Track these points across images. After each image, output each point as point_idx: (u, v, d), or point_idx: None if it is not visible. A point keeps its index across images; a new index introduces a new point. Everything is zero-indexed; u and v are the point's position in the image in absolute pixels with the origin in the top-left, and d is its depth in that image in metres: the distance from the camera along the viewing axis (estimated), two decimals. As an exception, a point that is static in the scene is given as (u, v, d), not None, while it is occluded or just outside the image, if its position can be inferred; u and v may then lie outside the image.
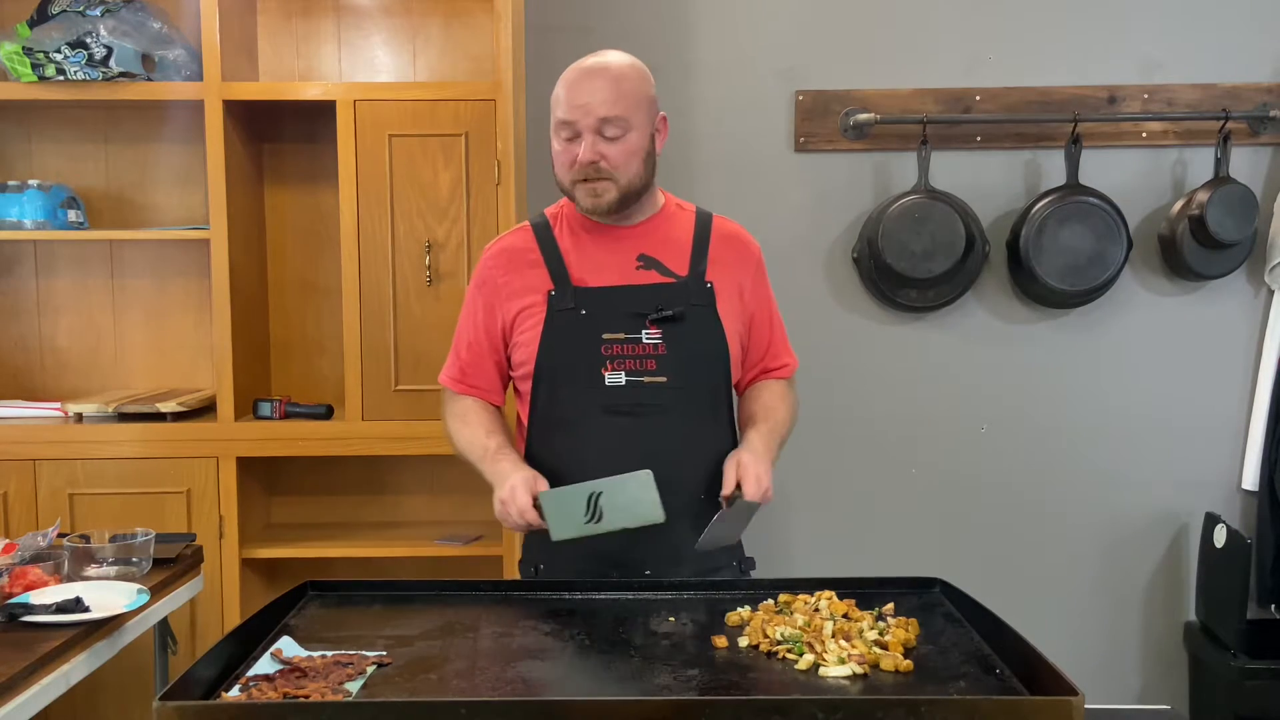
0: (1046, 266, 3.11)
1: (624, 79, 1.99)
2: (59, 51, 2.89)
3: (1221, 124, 3.12)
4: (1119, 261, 3.12)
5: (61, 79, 2.90)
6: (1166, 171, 3.24)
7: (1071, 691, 1.34)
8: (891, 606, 1.74)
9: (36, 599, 2.05)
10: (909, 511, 3.31)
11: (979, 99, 3.20)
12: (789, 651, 1.59)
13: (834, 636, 1.61)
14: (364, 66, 3.19)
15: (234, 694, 1.44)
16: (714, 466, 2.02)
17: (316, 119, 3.00)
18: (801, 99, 3.21)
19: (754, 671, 1.55)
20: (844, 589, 1.80)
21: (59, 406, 3.00)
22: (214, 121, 2.88)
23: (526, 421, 2.11)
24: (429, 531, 3.12)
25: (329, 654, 1.58)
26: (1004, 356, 3.28)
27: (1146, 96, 3.18)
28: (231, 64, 2.93)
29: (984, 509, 3.31)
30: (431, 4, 3.17)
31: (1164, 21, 3.19)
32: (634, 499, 1.86)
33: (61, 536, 2.38)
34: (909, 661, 1.54)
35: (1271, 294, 3.21)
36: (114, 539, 2.33)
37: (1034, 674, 1.45)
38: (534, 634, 1.69)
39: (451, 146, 2.91)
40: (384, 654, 1.58)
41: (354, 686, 1.47)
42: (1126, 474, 3.29)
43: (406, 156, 2.91)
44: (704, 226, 2.13)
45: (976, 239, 3.15)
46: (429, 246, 2.93)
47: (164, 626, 2.44)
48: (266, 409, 2.99)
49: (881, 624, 1.67)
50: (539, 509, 1.91)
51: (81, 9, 2.95)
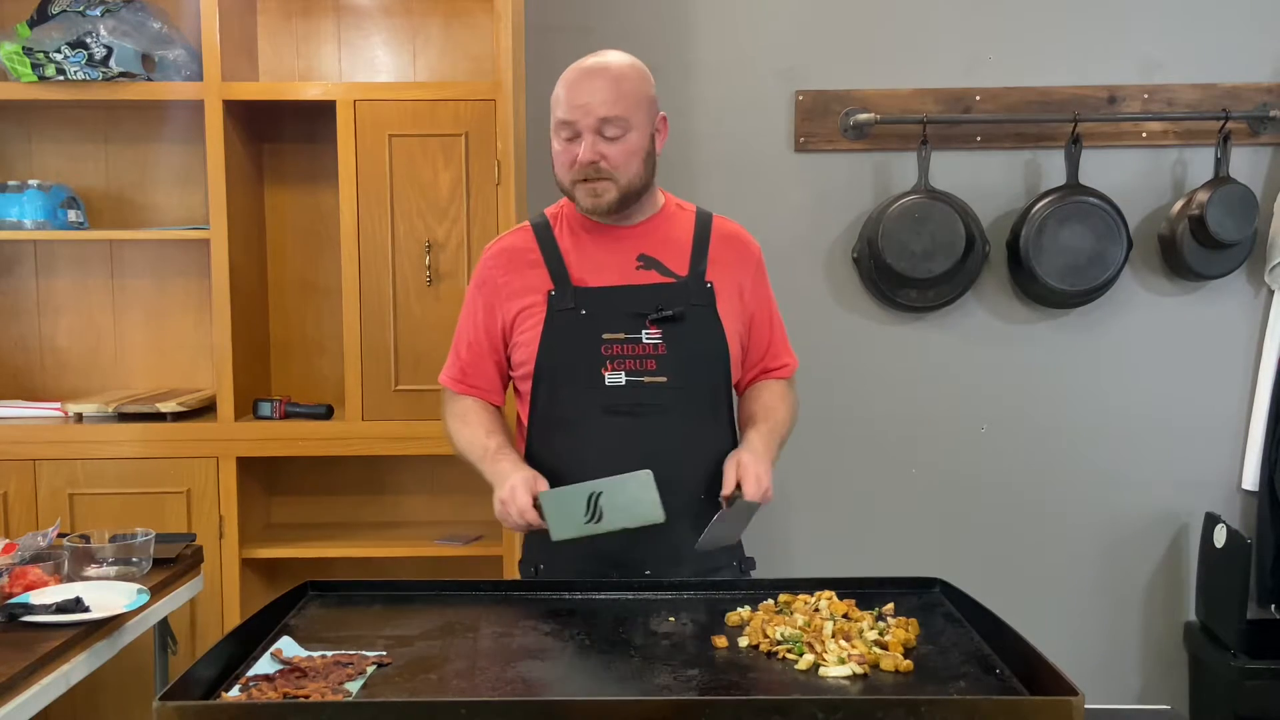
0: (1046, 266, 3.11)
1: (624, 79, 1.99)
2: (59, 51, 2.89)
3: (1221, 124, 3.12)
4: (1119, 261, 3.12)
5: (61, 79, 2.90)
6: (1166, 171, 3.24)
7: (1071, 691, 1.34)
8: (891, 606, 1.74)
9: (36, 599, 2.05)
10: (909, 511, 3.31)
11: (979, 99, 3.20)
12: (789, 651, 1.59)
13: (834, 636, 1.61)
14: (364, 66, 3.20)
15: (234, 694, 1.44)
16: (714, 466, 2.02)
17: (316, 119, 3.00)
18: (801, 99, 3.21)
19: (754, 671, 1.55)
20: (844, 589, 1.80)
21: (59, 406, 3.00)
22: (214, 121, 2.88)
23: (526, 421, 2.11)
24: (429, 531, 3.12)
25: (329, 654, 1.58)
26: (1004, 356, 3.28)
27: (1146, 96, 3.18)
28: (231, 64, 2.93)
29: (984, 509, 3.31)
30: (431, 4, 3.17)
31: (1164, 21, 3.19)
32: (634, 499, 1.86)
33: (61, 536, 2.38)
34: (909, 661, 1.54)
35: (1271, 294, 3.21)
36: (114, 539, 2.33)
37: (1034, 674, 1.45)
38: (534, 634, 1.69)
39: (451, 146, 2.91)
40: (384, 654, 1.58)
41: (354, 686, 1.47)
42: (1126, 474, 3.29)
43: (406, 156, 2.91)
44: (704, 226, 2.13)
45: (976, 239, 3.15)
46: (429, 246, 2.93)
47: (164, 626, 2.44)
48: (266, 409, 2.99)
49: (881, 624, 1.67)
50: (539, 509, 1.91)
51: (81, 9, 2.95)
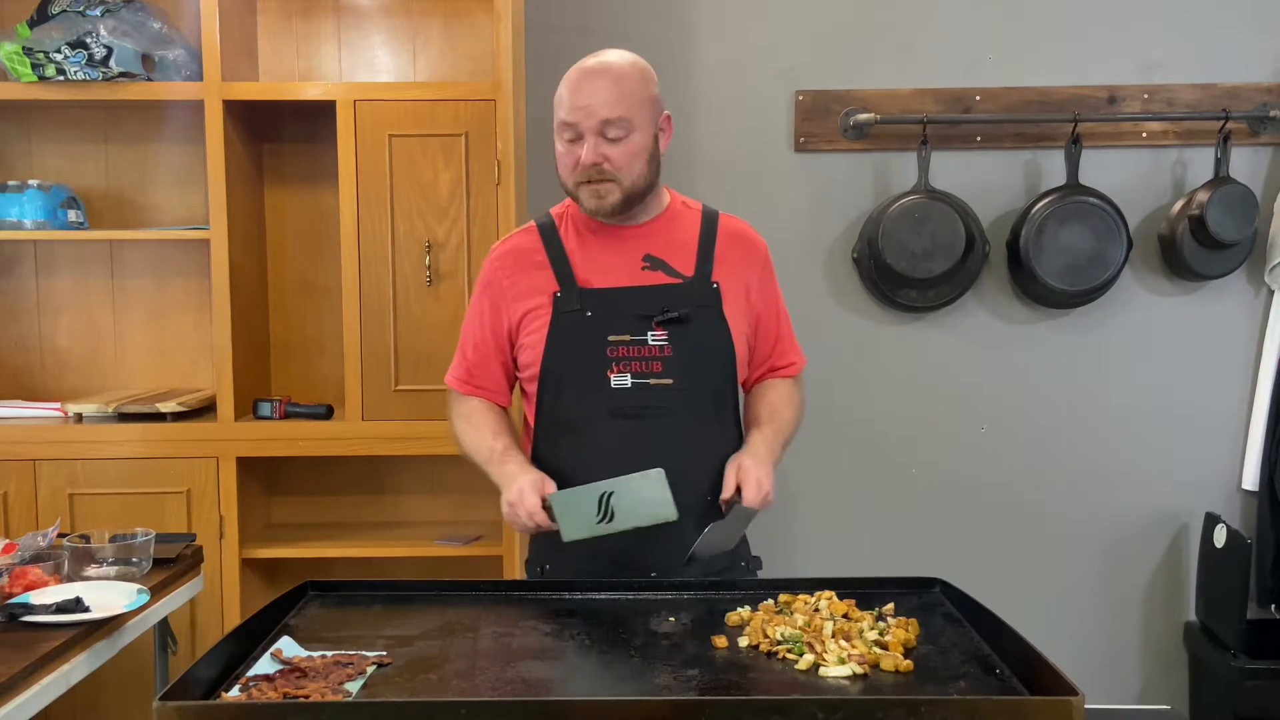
0: (1046, 266, 3.11)
1: (626, 79, 1.98)
2: (59, 51, 2.89)
3: (1221, 124, 3.12)
4: (1119, 261, 3.12)
5: (61, 79, 2.90)
6: (1166, 171, 3.23)
7: (1071, 691, 1.34)
8: (891, 606, 1.74)
9: (36, 599, 2.05)
10: (909, 511, 3.31)
11: (979, 99, 3.20)
12: (789, 651, 1.58)
13: (834, 636, 1.61)
14: (364, 66, 3.20)
15: (234, 694, 1.44)
16: (720, 468, 2.01)
17: (316, 119, 3.00)
18: (801, 99, 3.21)
19: (754, 671, 1.55)
20: (844, 589, 1.80)
21: (59, 406, 3.00)
22: (214, 121, 2.88)
23: (533, 422, 2.10)
24: (429, 531, 3.12)
25: (329, 654, 1.58)
26: (1004, 356, 3.28)
27: (1146, 96, 3.18)
28: (231, 64, 2.93)
29: (984, 509, 3.30)
30: (431, 4, 3.17)
31: (1164, 21, 3.18)
32: (646, 498, 1.86)
33: (61, 536, 2.38)
34: (909, 661, 1.54)
35: (1271, 294, 3.21)
36: (114, 539, 2.33)
37: (1034, 674, 1.45)
38: (534, 634, 1.69)
39: (451, 146, 2.91)
40: (384, 654, 1.58)
41: (354, 686, 1.47)
42: (1126, 474, 3.29)
43: (406, 156, 2.91)
44: (710, 225, 2.11)
45: (976, 239, 3.15)
46: (429, 246, 2.93)
47: (164, 626, 2.44)
48: (266, 409, 2.99)
49: (881, 624, 1.67)
50: (548, 510, 1.91)
51: (81, 9, 2.94)
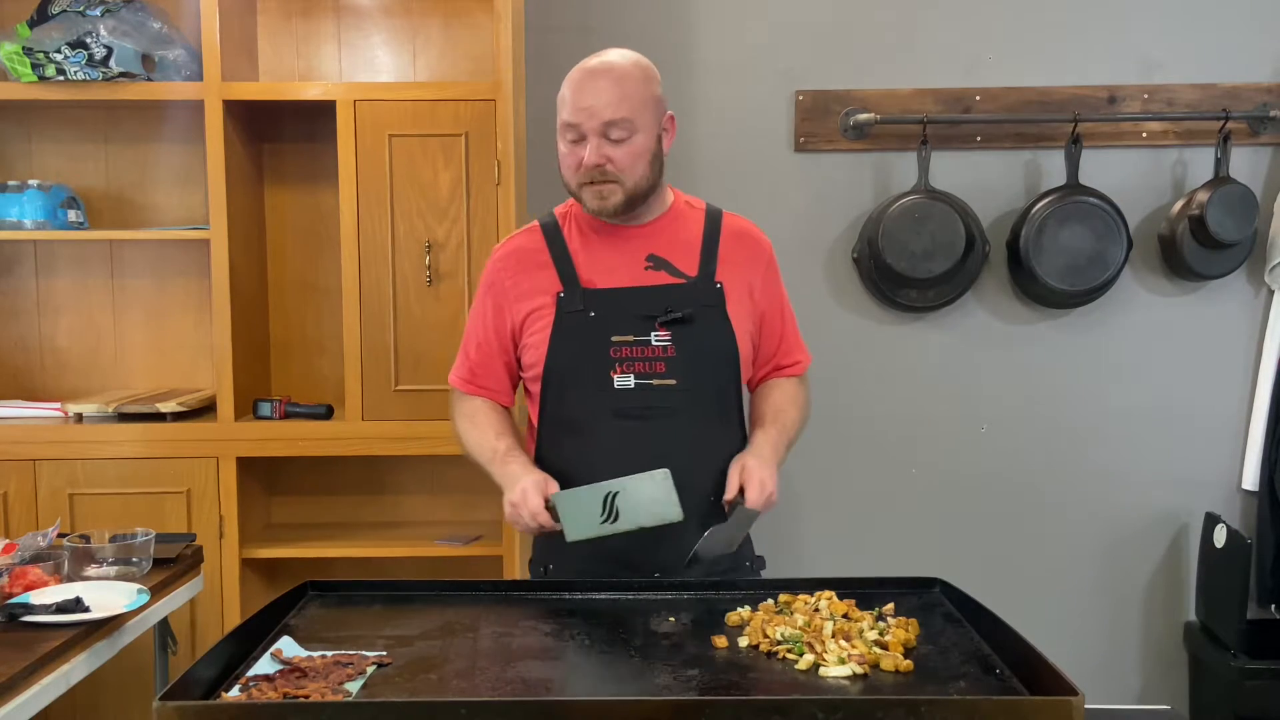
0: (1046, 266, 3.11)
1: (628, 79, 1.97)
2: (59, 51, 2.89)
3: (1221, 124, 3.12)
4: (1119, 261, 3.12)
5: (61, 79, 2.90)
6: (1166, 171, 3.23)
7: (1071, 691, 1.34)
8: (891, 606, 1.74)
9: (36, 599, 2.05)
10: (909, 511, 3.31)
11: (979, 99, 3.19)
12: (789, 651, 1.58)
13: (834, 636, 1.61)
14: (364, 66, 3.19)
15: (234, 694, 1.44)
16: (724, 468, 2.01)
17: (316, 119, 3.00)
18: (801, 99, 3.21)
19: (754, 671, 1.55)
20: (844, 589, 1.80)
21: (59, 406, 2.99)
22: (214, 121, 2.88)
23: (536, 423, 2.10)
24: (429, 531, 3.12)
25: (329, 654, 1.58)
26: (1004, 356, 3.28)
27: (1146, 96, 3.18)
28: (231, 64, 2.93)
29: (984, 509, 3.30)
30: (431, 4, 3.17)
31: (1164, 21, 3.18)
32: (651, 498, 1.85)
33: (61, 536, 2.38)
34: (909, 661, 1.54)
35: (1271, 294, 3.21)
36: (114, 539, 2.33)
37: (1034, 674, 1.45)
38: (534, 634, 1.69)
39: (451, 146, 2.91)
40: (384, 654, 1.58)
41: (354, 686, 1.47)
42: (1126, 474, 3.29)
43: (406, 156, 2.91)
44: (714, 225, 2.11)
45: (976, 239, 3.15)
46: (429, 246, 2.93)
47: (164, 626, 2.44)
48: (266, 409, 2.99)
49: (881, 624, 1.67)
50: (552, 510, 1.91)
51: (81, 9, 2.94)
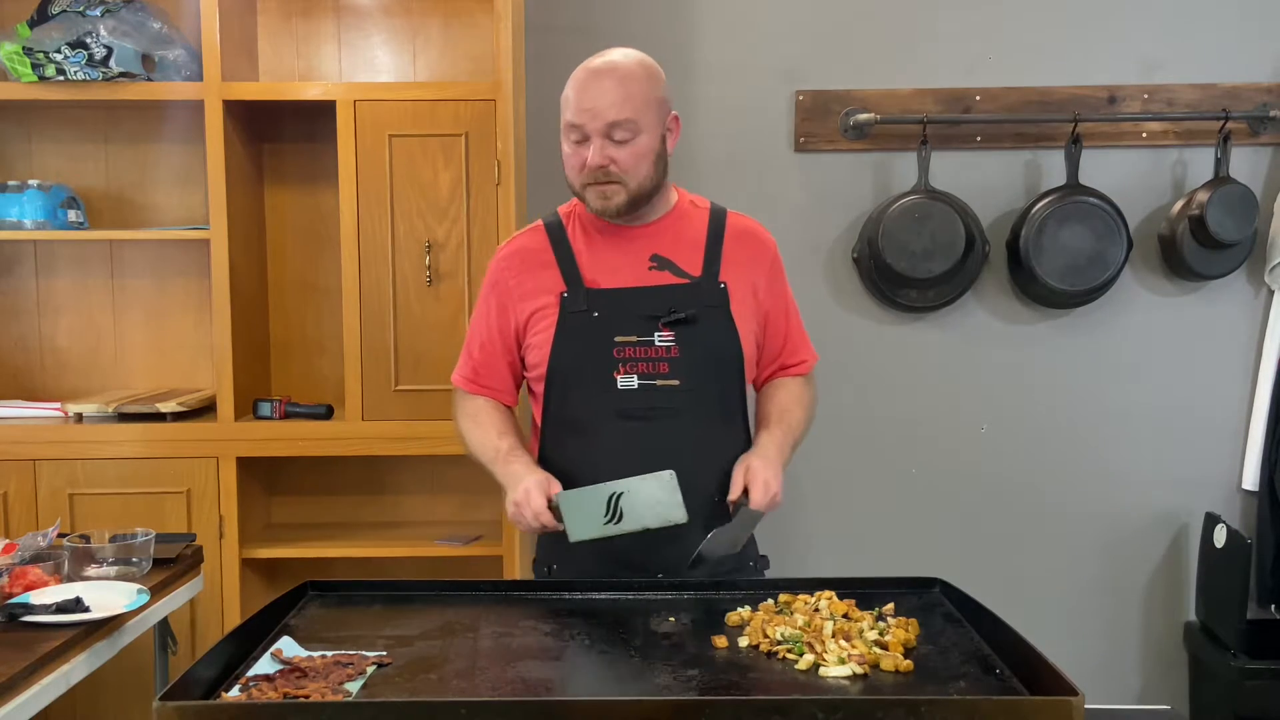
0: (1046, 266, 3.11)
1: (632, 80, 1.96)
2: (59, 51, 2.89)
3: (1221, 124, 3.12)
4: (1119, 261, 3.12)
5: (61, 79, 2.90)
6: (1166, 171, 3.23)
7: (1071, 691, 1.34)
8: (891, 606, 1.74)
9: (36, 599, 2.06)
10: (909, 511, 3.31)
11: (979, 99, 3.19)
12: (789, 651, 1.59)
13: (834, 636, 1.61)
14: (364, 66, 3.19)
15: (234, 694, 1.44)
16: (728, 470, 2.00)
17: (316, 119, 3.00)
18: (801, 99, 3.21)
19: (754, 671, 1.55)
20: (844, 589, 1.80)
21: (59, 406, 3.00)
22: (214, 121, 2.88)
23: (540, 423, 2.10)
24: (429, 531, 3.12)
25: (329, 654, 1.58)
26: (1004, 356, 3.28)
27: (1146, 96, 3.18)
28: (231, 64, 2.93)
29: (984, 509, 3.30)
30: (431, 4, 3.17)
31: (1164, 21, 3.18)
32: (656, 499, 1.85)
33: (61, 536, 2.38)
34: (909, 661, 1.54)
35: (1271, 294, 3.21)
36: (114, 539, 2.33)
37: (1034, 674, 1.45)
38: (534, 634, 1.69)
39: (451, 146, 2.91)
40: (384, 654, 1.58)
41: (354, 686, 1.47)
42: (1126, 474, 3.29)
43: (406, 156, 2.91)
44: (718, 224, 2.10)
45: (976, 239, 3.15)
46: (429, 246, 2.93)
47: (164, 626, 2.44)
48: (266, 409, 2.99)
49: (881, 624, 1.67)
50: (555, 510, 1.90)
51: (81, 9, 2.94)
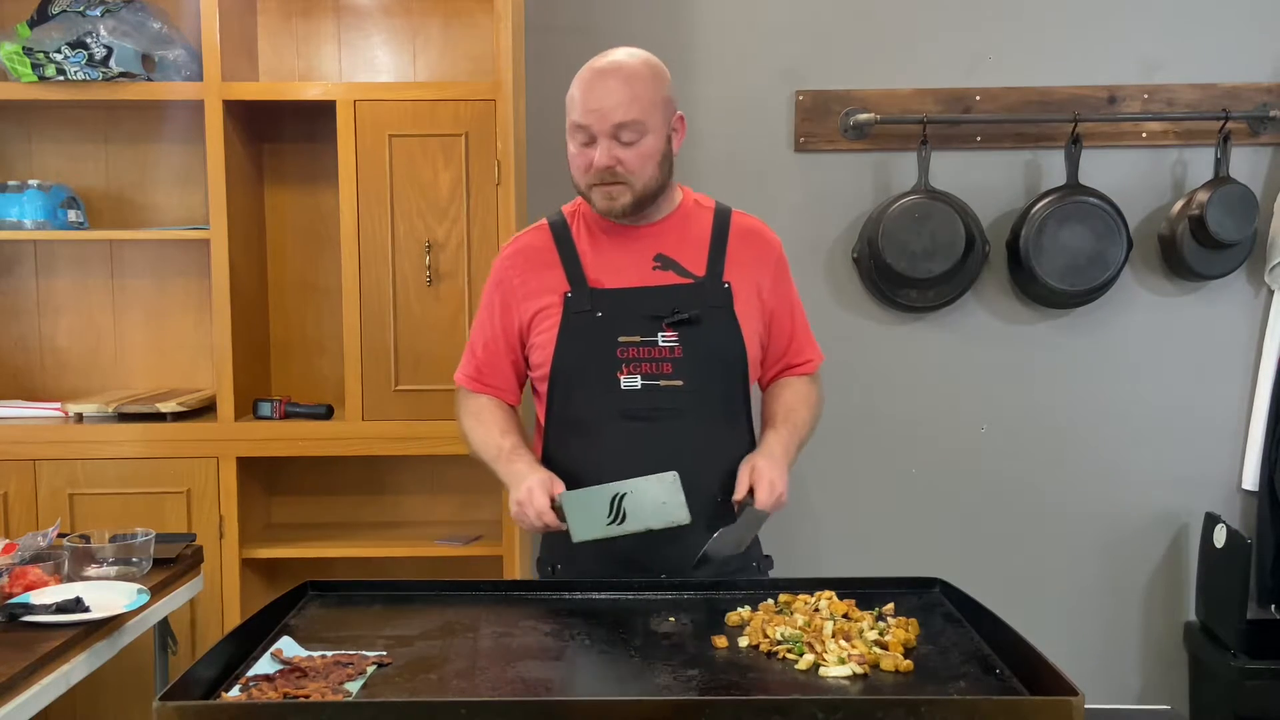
0: (1046, 266, 3.11)
1: (638, 80, 1.96)
2: (59, 51, 2.89)
3: (1221, 124, 3.12)
4: (1119, 261, 3.12)
5: (61, 79, 2.90)
6: (1166, 171, 3.23)
7: (1071, 691, 1.34)
8: (891, 606, 1.74)
9: (36, 599, 2.05)
10: (909, 511, 3.31)
11: (979, 99, 3.19)
12: (789, 651, 1.59)
13: (834, 636, 1.61)
14: (364, 66, 3.19)
15: (234, 694, 1.44)
16: (731, 470, 2.00)
17: (316, 119, 2.99)
18: (801, 99, 3.21)
19: (754, 671, 1.55)
20: (844, 589, 1.80)
21: (59, 406, 2.99)
22: (214, 121, 2.88)
23: (544, 422, 2.10)
24: (429, 531, 3.12)
25: (329, 654, 1.58)
26: (1004, 356, 3.28)
27: (1146, 96, 3.18)
28: (231, 64, 2.93)
29: (984, 509, 3.30)
30: (431, 4, 3.17)
31: (1164, 21, 3.18)
32: (659, 500, 1.85)
33: (61, 536, 2.38)
34: (909, 661, 1.54)
35: (1271, 294, 3.21)
36: (114, 539, 2.33)
37: (1034, 674, 1.45)
38: (534, 634, 1.69)
39: (451, 146, 2.91)
40: (384, 654, 1.59)
41: (354, 686, 1.47)
42: (1126, 474, 3.29)
43: (406, 156, 2.91)
44: (722, 224, 2.10)
45: (976, 239, 3.15)
46: (429, 246, 2.93)
47: (164, 626, 2.44)
48: (266, 409, 2.99)
49: (881, 624, 1.67)
50: (558, 510, 1.90)
51: (81, 9, 2.94)
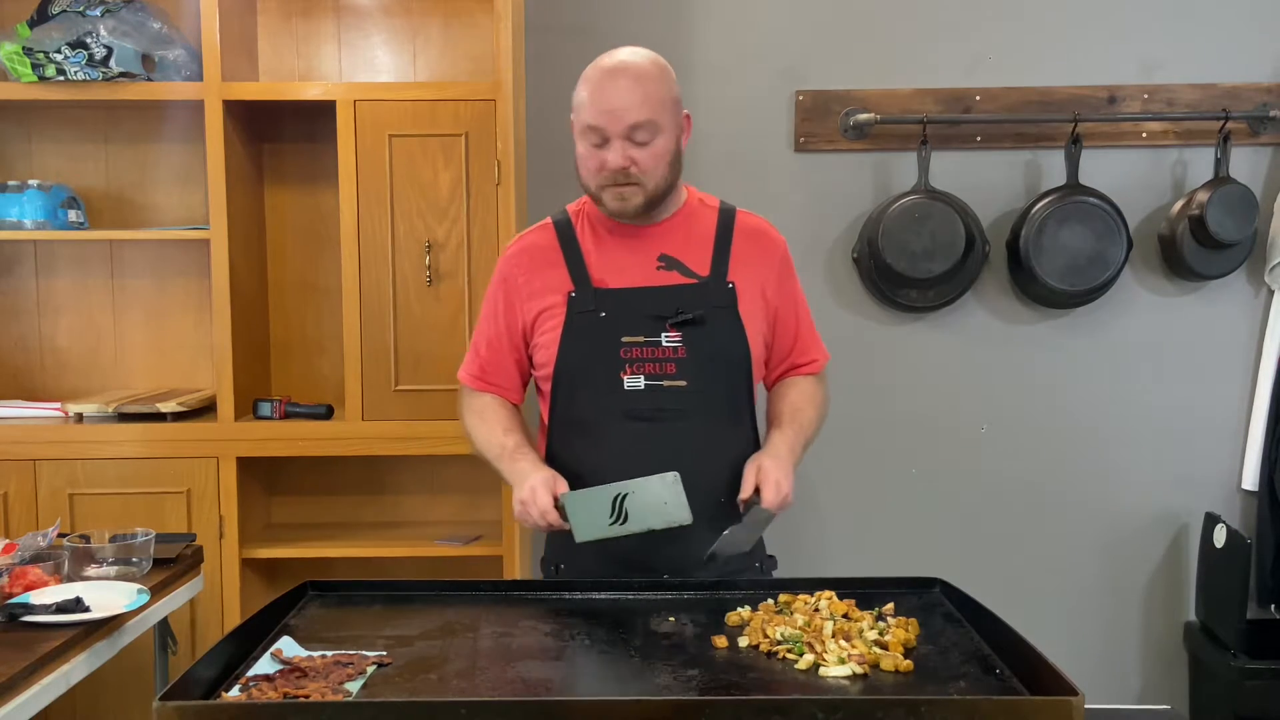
0: (1046, 266, 3.11)
1: (648, 79, 1.96)
2: (59, 51, 2.89)
3: (1221, 124, 3.12)
4: (1119, 261, 3.12)
5: (61, 79, 2.90)
6: (1166, 171, 3.23)
7: (1071, 691, 1.34)
8: (891, 606, 1.74)
9: (36, 599, 2.06)
10: (909, 511, 3.31)
11: (979, 99, 3.19)
12: (789, 651, 1.59)
13: (834, 636, 1.61)
14: (364, 66, 3.19)
15: (234, 694, 1.44)
16: (735, 471, 2.00)
17: (316, 119, 2.99)
18: (801, 99, 3.21)
19: (754, 671, 1.55)
20: (844, 589, 1.80)
21: (59, 406, 2.99)
22: (214, 121, 2.88)
23: (548, 421, 2.10)
24: (429, 531, 3.12)
25: (329, 654, 1.58)
26: (1004, 356, 3.28)
27: (1146, 96, 3.18)
28: (231, 64, 2.93)
29: (984, 509, 3.30)
30: (431, 4, 3.17)
31: (1164, 21, 3.18)
32: (661, 500, 1.85)
33: (61, 536, 2.38)
34: (909, 661, 1.54)
35: (1271, 294, 3.21)
36: (114, 539, 2.33)
37: (1034, 674, 1.45)
38: (534, 634, 1.69)
39: (451, 146, 2.91)
40: (384, 654, 1.59)
41: (354, 686, 1.47)
42: (1126, 474, 3.29)
43: (406, 156, 2.91)
44: (727, 223, 2.10)
45: (976, 239, 3.15)
46: (429, 246, 2.93)
47: (164, 626, 2.44)
48: (266, 409, 2.99)
49: (881, 624, 1.67)
50: (561, 510, 1.90)
51: (81, 9, 2.94)
